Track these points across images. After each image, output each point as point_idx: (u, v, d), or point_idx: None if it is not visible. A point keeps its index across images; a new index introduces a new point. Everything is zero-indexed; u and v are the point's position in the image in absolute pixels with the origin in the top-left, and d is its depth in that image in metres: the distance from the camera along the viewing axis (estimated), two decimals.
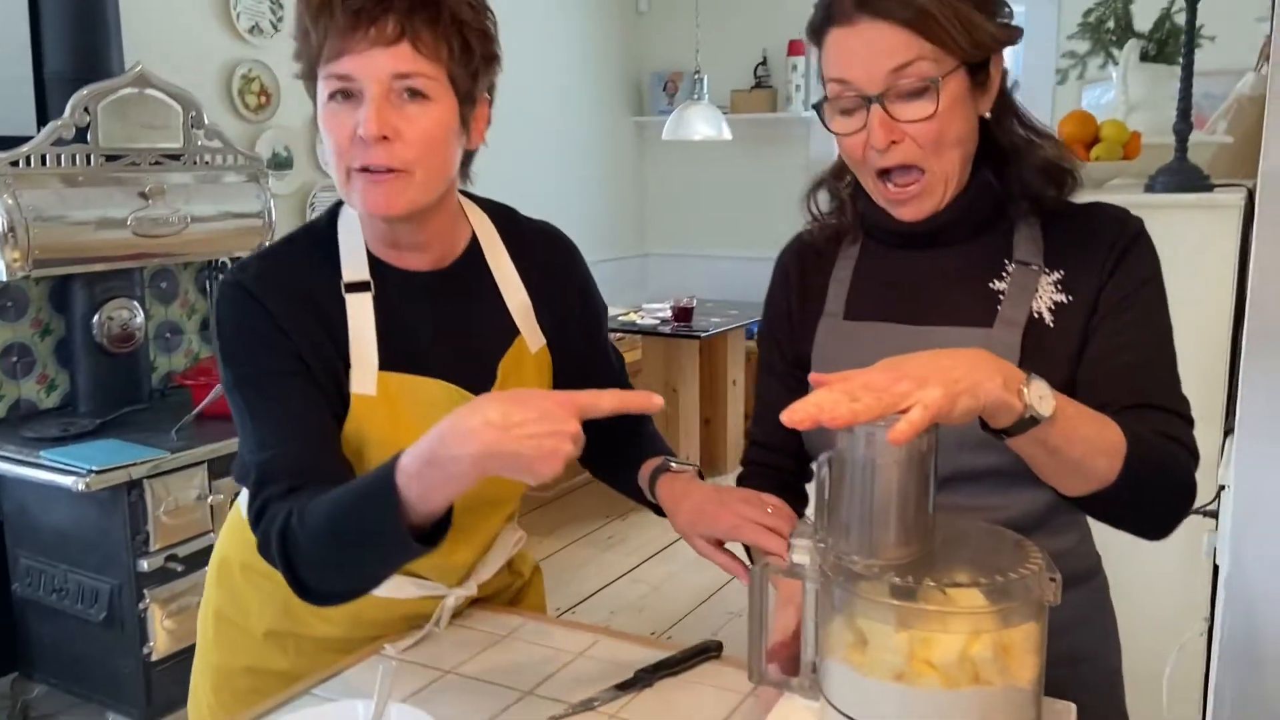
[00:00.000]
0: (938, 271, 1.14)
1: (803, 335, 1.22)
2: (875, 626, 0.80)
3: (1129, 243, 1.09)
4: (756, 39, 5.44)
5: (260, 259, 1.18)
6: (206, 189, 3.02)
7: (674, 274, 5.82)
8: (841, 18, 1.05)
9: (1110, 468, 0.93)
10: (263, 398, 1.11)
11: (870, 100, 1.03)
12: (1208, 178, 1.99)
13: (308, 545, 1.03)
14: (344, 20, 1.04)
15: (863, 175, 1.12)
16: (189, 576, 2.53)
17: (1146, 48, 2.56)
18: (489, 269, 1.25)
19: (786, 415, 0.78)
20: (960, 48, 1.03)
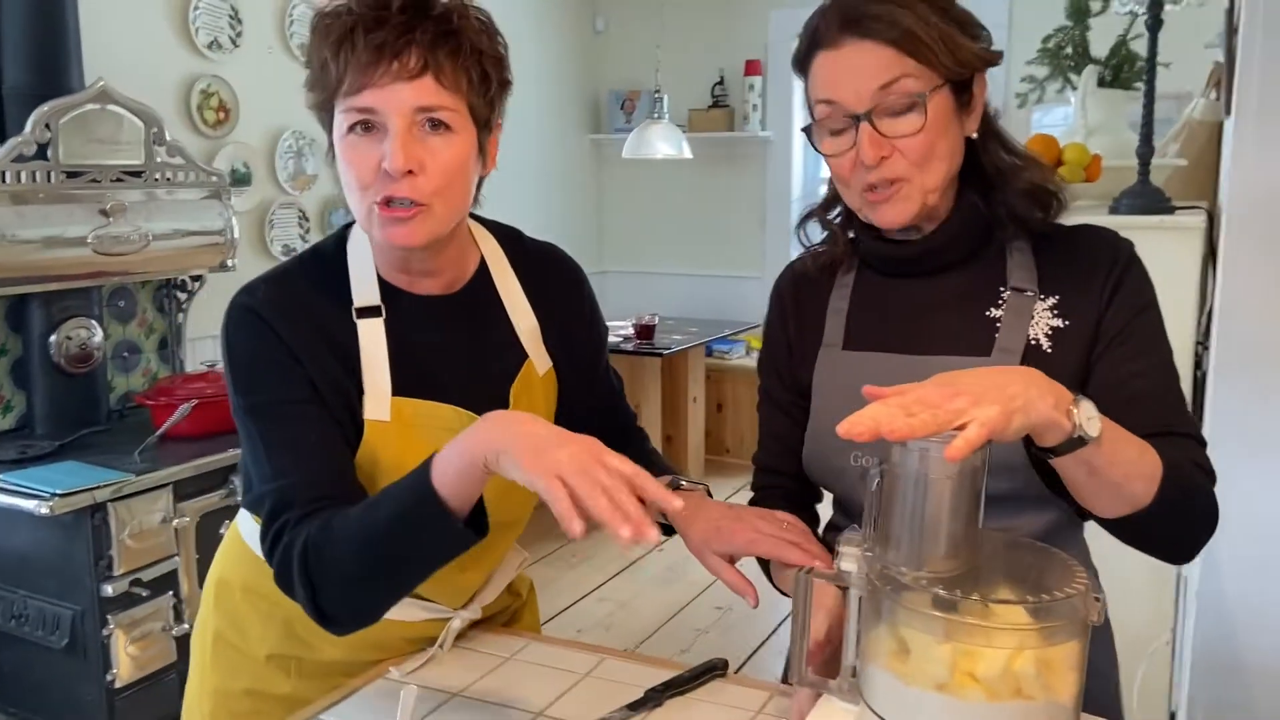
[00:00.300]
0: (934, 300, 1.15)
1: (801, 364, 1.23)
2: (919, 636, 0.82)
3: (1125, 267, 1.11)
4: (713, 59, 5.50)
5: (268, 282, 1.16)
6: (167, 206, 2.97)
7: (631, 292, 5.84)
8: (827, 42, 1.08)
9: (1147, 492, 0.95)
10: (276, 426, 1.10)
11: (859, 118, 1.06)
12: (1170, 200, 2.06)
13: (337, 558, 1.01)
14: (366, 54, 1.04)
15: (850, 195, 1.13)
16: (153, 601, 2.48)
17: (1103, 74, 2.64)
18: (498, 292, 1.25)
19: (845, 427, 0.78)
20: (944, 65, 1.05)
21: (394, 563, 1.02)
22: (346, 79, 1.05)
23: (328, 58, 1.05)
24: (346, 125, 1.07)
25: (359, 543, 1.01)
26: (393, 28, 1.04)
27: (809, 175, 5.65)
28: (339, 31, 1.05)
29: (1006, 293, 1.12)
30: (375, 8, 1.05)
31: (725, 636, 3.52)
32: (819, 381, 1.19)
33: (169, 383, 2.95)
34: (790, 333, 1.25)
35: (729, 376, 5.37)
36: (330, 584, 1.03)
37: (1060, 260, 1.13)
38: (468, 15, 1.09)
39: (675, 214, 5.79)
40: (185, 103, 3.41)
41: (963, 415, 0.79)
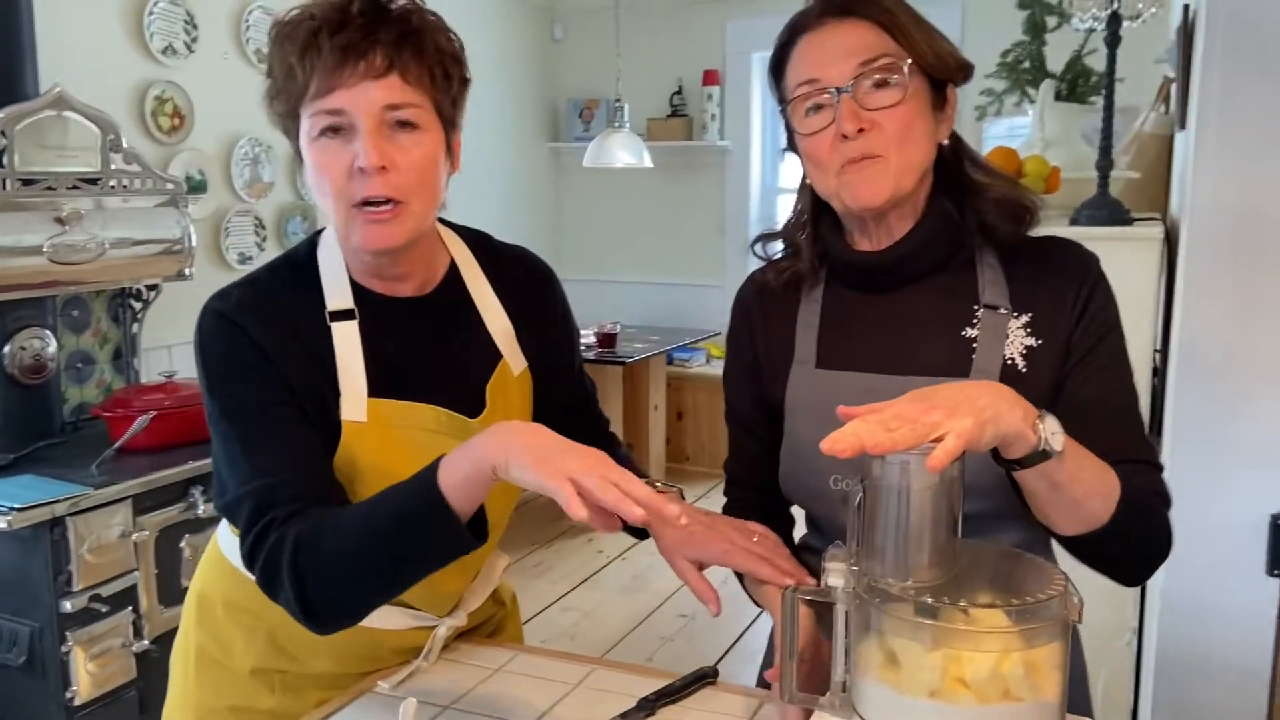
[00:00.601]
0: (908, 317, 1.14)
1: (772, 381, 1.21)
2: (908, 645, 0.84)
3: (1094, 285, 1.12)
4: (671, 68, 5.54)
5: (241, 288, 1.16)
6: (123, 214, 2.91)
7: (591, 300, 5.84)
8: (807, 26, 1.11)
9: (1104, 511, 0.98)
10: (253, 427, 1.10)
11: (839, 92, 1.06)
12: (1129, 211, 2.12)
13: (334, 552, 1.01)
14: (332, 56, 1.05)
15: (826, 178, 1.11)
16: (113, 617, 2.43)
17: (1059, 88, 2.70)
18: (470, 294, 1.25)
19: (828, 444, 0.80)
20: (922, 53, 1.07)
21: (392, 563, 1.02)
22: (314, 82, 1.05)
23: (293, 63, 1.05)
24: (316, 129, 1.07)
25: (358, 538, 1.01)
26: (356, 29, 1.05)
27: (767, 185, 5.70)
28: (303, 36, 1.06)
29: (980, 311, 1.12)
30: (336, 11, 1.06)
31: (690, 644, 3.53)
32: (793, 401, 1.18)
33: (125, 394, 2.89)
34: (758, 348, 1.24)
35: (689, 384, 5.40)
36: (322, 579, 1.02)
37: (1030, 274, 1.13)
38: (424, 15, 1.12)
39: (634, 222, 5.81)
40: (139, 109, 3.36)
41: (939, 428, 0.81)
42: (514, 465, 0.94)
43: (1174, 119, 2.70)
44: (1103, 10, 2.12)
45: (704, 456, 5.44)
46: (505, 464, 0.95)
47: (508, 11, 5.44)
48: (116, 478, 2.48)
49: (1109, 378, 1.10)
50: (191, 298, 1.19)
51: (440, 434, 1.16)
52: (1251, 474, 1.59)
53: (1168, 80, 3.00)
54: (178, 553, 2.59)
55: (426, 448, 1.12)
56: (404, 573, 1.04)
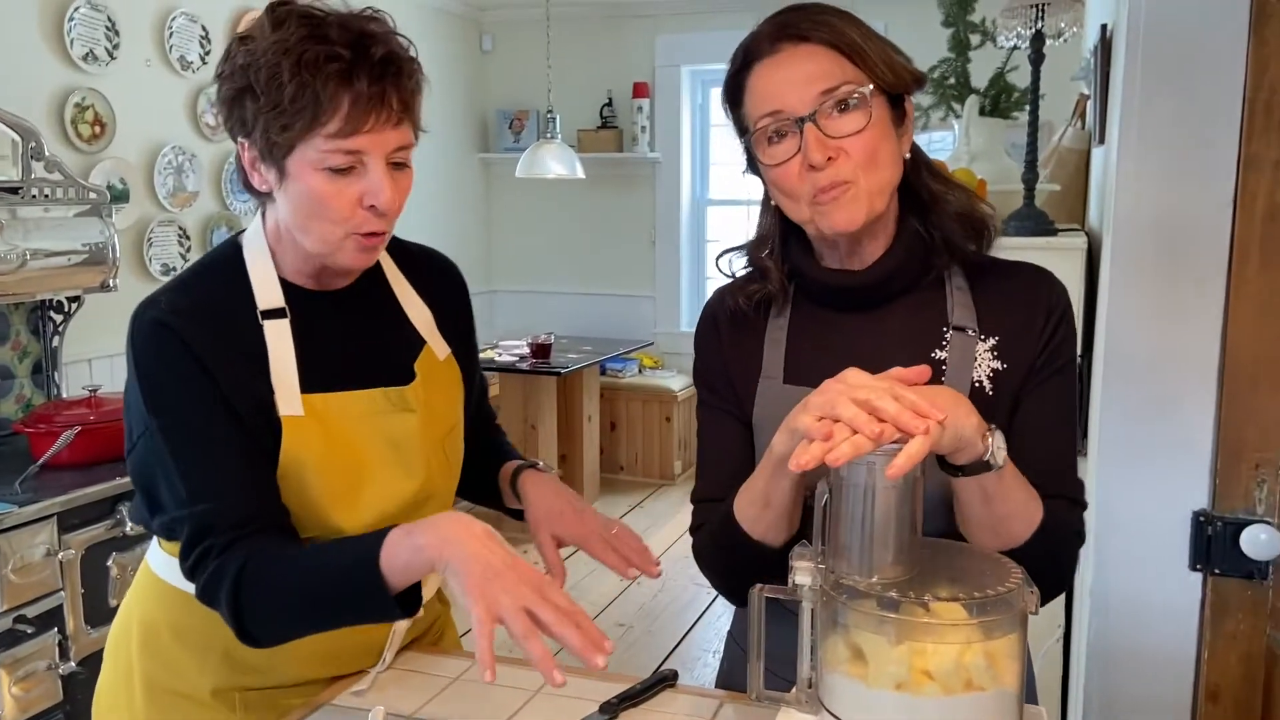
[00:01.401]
0: (877, 337, 1.13)
1: (745, 394, 1.20)
2: (874, 639, 0.87)
3: (1061, 317, 1.13)
4: (601, 80, 5.57)
5: (170, 292, 1.18)
6: (45, 224, 2.83)
7: (522, 311, 5.84)
8: (763, 53, 1.08)
9: (1022, 534, 1.01)
10: (192, 448, 1.12)
11: (802, 121, 1.05)
12: (1053, 223, 2.20)
13: (275, 590, 1.08)
14: (363, 102, 1.08)
15: (797, 207, 1.10)
16: (38, 639, 2.35)
17: (983, 103, 2.80)
18: (389, 286, 1.29)
19: (794, 462, 0.86)
20: (880, 74, 1.06)
21: (327, 614, 1.10)
22: (337, 121, 1.07)
23: (319, 93, 1.06)
24: (326, 163, 1.09)
25: (298, 587, 1.08)
26: (378, 75, 1.09)
27: (697, 197, 5.76)
28: (334, 73, 1.06)
29: (949, 333, 1.12)
30: (357, 50, 1.08)
31: (629, 653, 3.54)
32: (761, 416, 1.17)
33: (47, 409, 2.80)
34: (729, 365, 1.22)
35: (622, 395, 5.42)
36: (261, 613, 1.09)
37: (998, 297, 1.14)
38: (412, 56, 1.15)
39: (565, 233, 5.82)
40: (59, 116, 3.27)
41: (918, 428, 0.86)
42: (452, 575, 1.00)
43: (1090, 134, 2.81)
44: (1027, 29, 2.21)
45: (637, 467, 5.46)
46: (444, 570, 1.01)
47: (435, 22, 5.42)
48: (40, 495, 2.41)
49: (1054, 410, 1.11)
50: (115, 310, 1.20)
51: (379, 415, 1.21)
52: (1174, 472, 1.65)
53: (1084, 97, 3.11)
54: (105, 571, 2.52)
55: (369, 433, 1.19)
56: (336, 623, 1.13)
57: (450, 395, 1.31)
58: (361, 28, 1.09)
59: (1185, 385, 1.61)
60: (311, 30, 1.07)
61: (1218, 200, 1.55)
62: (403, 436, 1.21)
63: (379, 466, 1.20)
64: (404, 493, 1.21)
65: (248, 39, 1.10)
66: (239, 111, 1.11)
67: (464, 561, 0.99)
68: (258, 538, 1.09)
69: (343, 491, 1.17)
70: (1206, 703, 1.65)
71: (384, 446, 1.20)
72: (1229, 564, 1.58)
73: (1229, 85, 1.52)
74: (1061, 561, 1.08)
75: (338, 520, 1.17)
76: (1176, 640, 1.69)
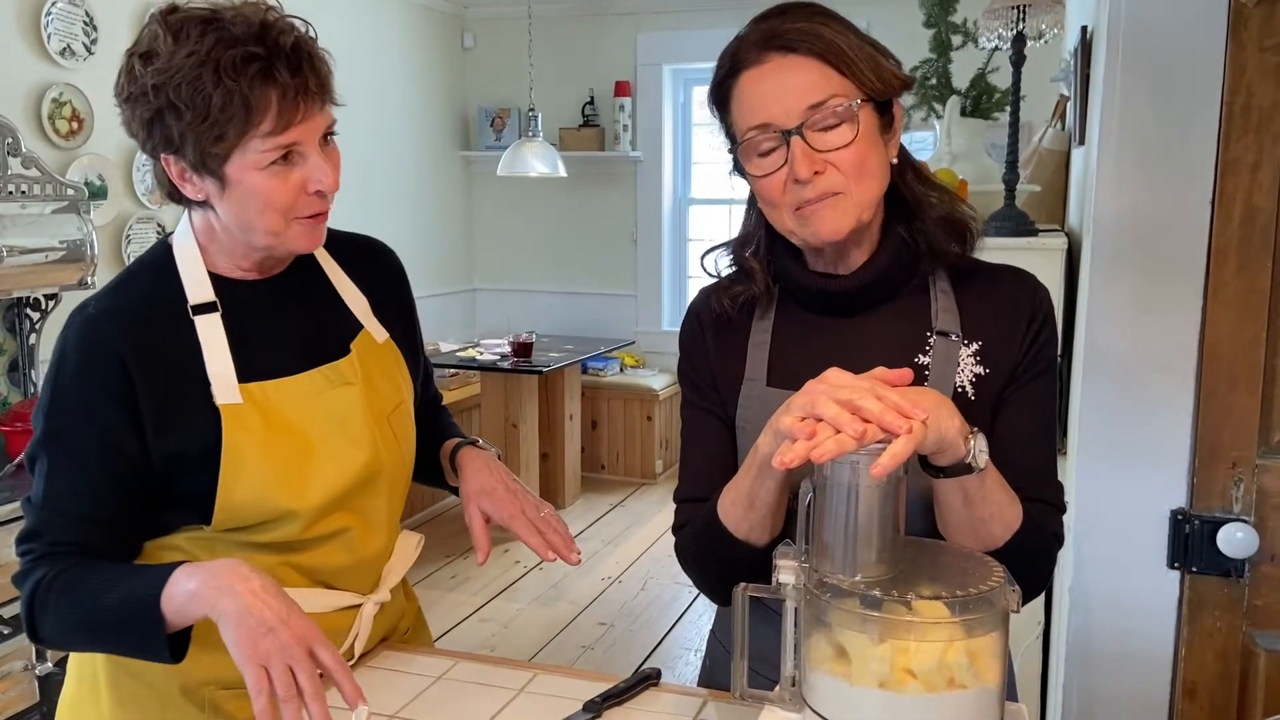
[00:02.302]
0: (861, 341, 1.13)
1: (729, 396, 1.19)
2: (857, 638, 0.87)
3: (1043, 321, 1.13)
4: (583, 79, 5.56)
5: (102, 296, 1.20)
6: (23, 220, 2.80)
7: (503, 309, 5.83)
8: (749, 62, 1.05)
9: (1002, 537, 1.02)
10: (59, 462, 1.15)
11: (789, 134, 1.03)
12: (1034, 223, 2.21)
13: (60, 609, 1.12)
14: (290, 94, 1.09)
15: (781, 216, 1.09)
16: (14, 640, 2.33)
17: (964, 104, 2.81)
18: (323, 273, 1.31)
19: (778, 460, 0.87)
20: (868, 82, 1.03)
21: (108, 642, 1.15)
22: (269, 119, 1.08)
23: (248, 95, 1.06)
24: (268, 160, 1.11)
25: (81, 612, 1.12)
26: (296, 64, 1.09)
27: (679, 195, 5.76)
28: (258, 72, 1.07)
29: (933, 338, 1.12)
30: (268, 44, 1.08)
31: (610, 652, 3.54)
32: (744, 419, 1.16)
33: (24, 407, 2.79)
34: (714, 366, 1.21)
35: (604, 394, 5.42)
36: (47, 627, 1.14)
37: (982, 302, 1.13)
38: (308, 31, 1.15)
39: (547, 232, 5.82)
40: (36, 112, 3.24)
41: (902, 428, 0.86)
42: (224, 627, 1.03)
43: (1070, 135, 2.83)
44: (1008, 30, 2.22)
45: (619, 465, 5.46)
46: (218, 619, 1.04)
47: (417, 19, 5.40)
48: (16, 494, 2.39)
49: (1035, 415, 1.11)
50: None
51: (319, 394, 1.23)
52: (1152, 471, 1.67)
53: (1063, 98, 3.14)
54: None
55: (312, 414, 1.21)
56: (111, 649, 1.17)
57: (392, 375, 1.32)
58: (260, 18, 1.09)
59: (1163, 385, 1.63)
60: (219, 35, 1.06)
61: (1196, 202, 1.56)
62: (345, 411, 1.23)
63: (324, 444, 1.21)
64: (352, 466, 1.22)
65: (149, 56, 1.08)
66: (160, 130, 1.09)
67: (236, 614, 1.02)
68: (73, 558, 1.14)
69: (290, 474, 1.18)
70: (1183, 699, 1.66)
71: (327, 424, 1.22)
72: (1206, 562, 1.60)
73: (1207, 88, 1.53)
74: (1038, 564, 1.08)
75: (288, 502, 1.18)
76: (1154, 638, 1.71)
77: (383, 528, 1.30)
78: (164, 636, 1.08)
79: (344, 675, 1.03)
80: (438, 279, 5.61)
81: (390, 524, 1.32)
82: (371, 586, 1.32)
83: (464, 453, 1.41)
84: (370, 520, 1.27)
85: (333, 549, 1.24)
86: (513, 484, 1.35)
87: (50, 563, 1.13)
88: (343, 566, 1.26)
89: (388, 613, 1.36)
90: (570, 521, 4.82)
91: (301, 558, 1.23)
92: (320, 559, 1.24)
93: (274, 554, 1.21)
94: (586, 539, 4.58)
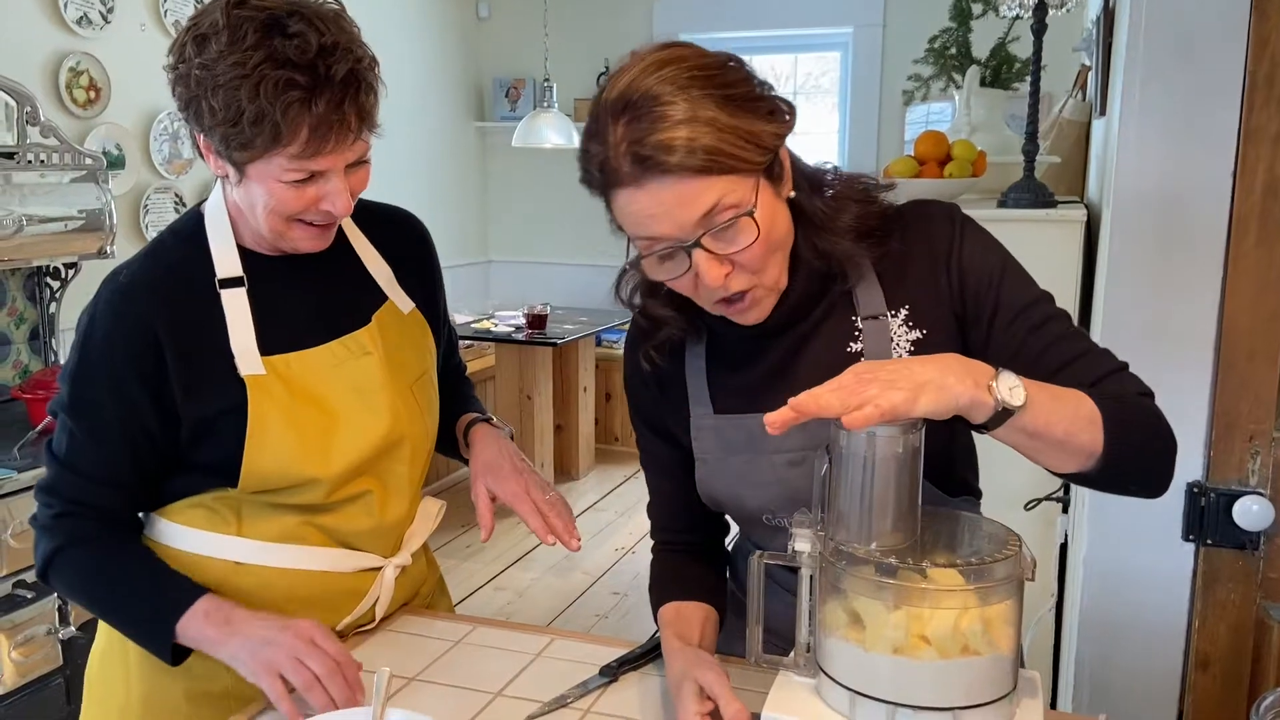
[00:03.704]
0: (792, 348, 1.11)
1: (676, 424, 1.19)
2: (872, 605, 0.88)
3: (958, 245, 1.07)
4: (599, 48, 5.53)
5: (133, 266, 1.22)
6: (42, 189, 2.82)
7: (518, 281, 5.83)
8: (623, 180, 0.96)
9: (1094, 440, 0.94)
10: (82, 428, 1.19)
11: (689, 248, 0.97)
12: (1053, 195, 2.20)
13: (69, 588, 1.22)
14: (325, 125, 1.08)
15: (702, 304, 1.06)
16: (37, 604, 2.36)
17: (984, 74, 2.79)
18: (350, 246, 1.32)
19: (771, 423, 0.87)
20: (753, 163, 0.97)
21: (109, 620, 1.25)
22: (296, 144, 1.08)
23: (279, 121, 1.06)
24: (290, 177, 1.11)
25: (97, 595, 1.21)
26: (339, 96, 1.08)
27: None
28: (296, 99, 1.06)
29: (860, 322, 1.09)
30: (317, 72, 1.07)
31: (624, 620, 3.57)
32: (700, 450, 1.16)
33: (45, 375, 2.80)
34: (657, 395, 1.21)
35: (618, 366, 5.42)
36: (59, 585, 1.23)
37: (897, 266, 1.09)
38: (369, 62, 1.14)
39: (561, 203, 5.80)
40: (53, 81, 3.24)
41: (871, 401, 0.84)
42: (236, 666, 1.13)
43: (1091, 106, 2.81)
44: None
45: (632, 438, 5.46)
46: (231, 661, 1.14)
47: None
48: (39, 460, 2.40)
49: (1033, 321, 1.05)
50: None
51: (340, 365, 1.24)
52: None
53: (1085, 68, 3.10)
54: None
55: (333, 383, 1.23)
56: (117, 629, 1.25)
57: (417, 345, 1.34)
58: (321, 42, 1.07)
59: (1182, 357, 1.62)
60: (270, 51, 1.05)
61: (1217, 173, 1.55)
62: (365, 380, 1.25)
63: (346, 414, 1.23)
64: (374, 435, 1.24)
65: (202, 43, 1.08)
66: (194, 111, 1.11)
67: (244, 656, 1.12)
68: (90, 523, 1.21)
69: (313, 443, 1.20)
70: (1196, 671, 1.67)
71: (349, 393, 1.24)
72: (1221, 535, 1.60)
73: (1230, 58, 1.52)
74: (1151, 432, 0.99)
75: (311, 470, 1.21)
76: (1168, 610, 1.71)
77: (404, 493, 1.31)
78: (169, 649, 1.17)
79: (348, 664, 1.10)
80: (452, 251, 5.61)
81: (412, 490, 1.34)
82: (393, 550, 1.34)
83: (476, 430, 1.43)
84: (391, 486, 1.29)
85: (355, 512, 1.26)
86: (520, 464, 1.37)
87: (69, 526, 1.19)
88: (364, 529, 1.28)
89: (409, 577, 1.38)
90: (584, 493, 4.85)
91: (324, 519, 1.25)
92: (343, 521, 1.26)
93: (298, 514, 1.24)
94: (600, 510, 4.61)
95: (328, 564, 1.26)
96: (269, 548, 1.24)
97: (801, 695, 0.93)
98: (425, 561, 1.46)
